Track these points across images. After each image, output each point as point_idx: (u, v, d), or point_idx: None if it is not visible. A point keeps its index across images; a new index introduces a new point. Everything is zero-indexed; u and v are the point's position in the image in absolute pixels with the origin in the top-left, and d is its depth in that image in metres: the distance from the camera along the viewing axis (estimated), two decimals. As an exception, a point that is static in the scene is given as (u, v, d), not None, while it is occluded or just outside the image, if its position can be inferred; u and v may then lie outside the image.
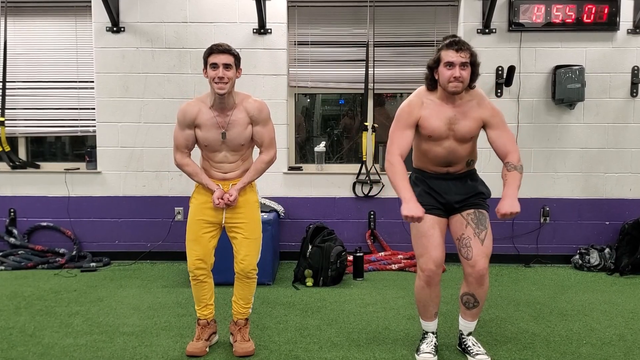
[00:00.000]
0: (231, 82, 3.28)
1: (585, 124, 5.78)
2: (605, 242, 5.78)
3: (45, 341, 3.65)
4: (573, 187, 5.84)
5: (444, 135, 3.22)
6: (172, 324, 4.00)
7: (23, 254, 5.75)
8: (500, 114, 3.30)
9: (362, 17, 5.85)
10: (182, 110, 3.42)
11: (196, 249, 3.44)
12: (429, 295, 3.31)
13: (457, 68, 3.09)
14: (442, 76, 3.14)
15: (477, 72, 3.20)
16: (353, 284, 5.09)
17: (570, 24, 5.65)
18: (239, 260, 3.45)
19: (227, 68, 3.25)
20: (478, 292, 3.28)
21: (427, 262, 3.23)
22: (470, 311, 3.37)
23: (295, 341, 3.66)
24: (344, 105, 6.36)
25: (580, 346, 3.58)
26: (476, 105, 3.25)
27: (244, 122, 3.38)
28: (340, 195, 5.93)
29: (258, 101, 3.46)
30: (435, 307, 3.38)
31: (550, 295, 4.74)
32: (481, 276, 3.21)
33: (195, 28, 5.75)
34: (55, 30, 5.96)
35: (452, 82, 3.11)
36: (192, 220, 3.48)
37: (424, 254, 3.24)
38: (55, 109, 5.99)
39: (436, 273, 3.24)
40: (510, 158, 3.21)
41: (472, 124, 3.24)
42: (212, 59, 3.27)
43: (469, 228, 3.25)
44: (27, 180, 5.95)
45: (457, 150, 3.26)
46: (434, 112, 3.22)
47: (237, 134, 3.38)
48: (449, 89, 3.14)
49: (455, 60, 3.09)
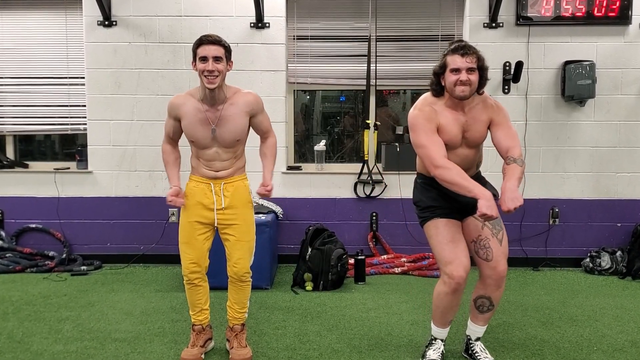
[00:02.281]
0: (221, 76, 3.25)
1: (596, 121, 5.78)
2: (616, 245, 5.78)
3: (34, 348, 3.65)
4: (583, 187, 5.84)
5: (459, 143, 3.23)
6: (166, 329, 3.99)
7: (11, 257, 5.74)
8: (504, 110, 3.30)
9: (363, 10, 5.85)
10: (170, 101, 3.44)
11: (190, 252, 3.44)
12: (451, 303, 3.28)
13: (464, 73, 3.08)
14: (449, 82, 3.13)
15: (485, 77, 3.19)
16: (354, 288, 5.09)
17: (581, 18, 5.65)
18: (232, 264, 3.45)
19: (217, 61, 3.22)
20: (495, 295, 3.28)
21: (457, 269, 3.15)
22: (483, 315, 3.37)
23: (294, 348, 3.65)
24: (345, 103, 6.35)
25: (591, 353, 3.58)
26: (482, 107, 3.26)
27: (237, 117, 3.36)
28: (341, 195, 5.92)
29: (251, 93, 3.46)
30: (453, 314, 3.37)
31: (560, 300, 4.73)
32: (501, 277, 3.22)
33: (190, 22, 5.75)
34: (44, 25, 5.96)
35: (458, 85, 3.09)
36: (185, 222, 3.46)
37: (453, 260, 3.17)
38: (45, 106, 5.99)
39: (465, 280, 3.20)
40: (511, 153, 3.20)
41: (483, 127, 3.26)
42: (202, 51, 3.23)
43: (485, 229, 3.24)
44: (15, 180, 5.95)
45: (469, 156, 3.28)
46: (449, 120, 3.20)
47: (228, 129, 3.35)
48: (456, 94, 3.12)
49: (461, 66, 3.08)
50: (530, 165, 5.75)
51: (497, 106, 3.28)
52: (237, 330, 3.52)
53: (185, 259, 3.45)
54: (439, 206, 3.23)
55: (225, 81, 3.35)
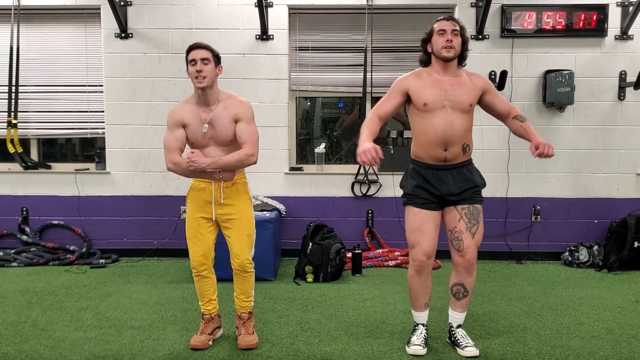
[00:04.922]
0: (210, 77, 3.27)
1: (574, 126, 5.78)
2: (593, 240, 5.79)
3: (56, 335, 3.66)
4: (563, 186, 5.84)
5: (440, 103, 3.20)
6: (177, 318, 4.00)
7: (35, 251, 5.75)
8: (490, 81, 3.52)
9: (360, 23, 5.85)
10: (170, 113, 3.42)
11: (197, 245, 3.43)
12: (420, 285, 3.35)
13: (449, 33, 3.18)
14: (436, 44, 3.23)
15: (466, 49, 3.29)
16: (352, 279, 5.09)
17: (560, 30, 5.65)
18: (234, 256, 3.44)
19: (204, 62, 3.26)
20: (467, 281, 3.33)
21: (418, 253, 3.29)
22: (460, 302, 3.39)
23: (296, 335, 3.66)
24: (343, 109, 6.35)
25: (570, 339, 3.58)
26: (468, 77, 3.30)
27: (226, 118, 3.33)
28: (340, 194, 5.92)
29: (243, 102, 3.40)
30: (425, 297, 3.40)
31: (541, 290, 4.73)
32: (470, 265, 3.28)
33: (200, 34, 5.74)
34: (65, 37, 5.97)
35: (445, 47, 3.18)
36: (190, 219, 3.46)
37: (415, 245, 3.30)
38: (66, 111, 5.99)
39: (426, 264, 3.30)
40: (515, 112, 3.34)
41: (470, 91, 3.25)
42: (191, 55, 3.28)
43: (461, 222, 3.27)
44: (38, 180, 5.95)
45: (454, 122, 3.19)
46: (428, 83, 3.25)
47: (220, 129, 3.33)
48: (442, 54, 3.20)
49: (446, 28, 3.20)
50: (514, 166, 5.76)
51: (485, 78, 3.40)
52: (245, 318, 3.52)
53: (193, 252, 3.45)
54: (417, 195, 3.28)
55: (217, 85, 3.37)
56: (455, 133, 3.20)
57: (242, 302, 3.52)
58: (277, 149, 5.86)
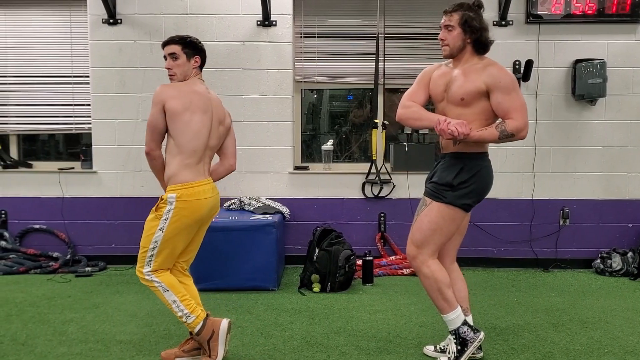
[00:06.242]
0: (180, 71, 3.39)
1: (606, 120, 5.77)
2: (628, 246, 5.77)
3: (38, 350, 3.65)
4: (594, 187, 5.83)
5: (440, 96, 3.31)
6: (171, 332, 4.00)
7: (14, 258, 5.76)
8: (508, 79, 3.15)
9: (371, 8, 5.85)
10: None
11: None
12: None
13: (442, 30, 3.25)
14: None
15: (481, 40, 3.22)
16: (362, 289, 5.09)
17: (591, 16, 5.64)
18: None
19: (173, 58, 3.37)
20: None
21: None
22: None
23: (301, 350, 3.65)
24: (353, 102, 6.35)
25: (602, 355, 3.56)
26: (480, 68, 3.20)
27: None
28: (349, 196, 5.92)
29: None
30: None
31: (570, 301, 4.72)
32: (409, 259, 3.36)
33: (196, 20, 5.76)
34: (48, 22, 5.98)
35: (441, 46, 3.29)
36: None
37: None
38: (49, 105, 6.01)
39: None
40: (508, 120, 3.13)
41: (467, 84, 3.17)
42: (163, 52, 3.41)
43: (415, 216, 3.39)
44: (19, 180, 5.97)
45: (447, 115, 3.22)
46: (438, 75, 3.34)
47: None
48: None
49: (441, 24, 3.26)
50: (540, 165, 5.74)
51: (498, 74, 3.15)
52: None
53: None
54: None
55: (197, 76, 3.48)
56: None
57: None
58: (281, 146, 5.86)
